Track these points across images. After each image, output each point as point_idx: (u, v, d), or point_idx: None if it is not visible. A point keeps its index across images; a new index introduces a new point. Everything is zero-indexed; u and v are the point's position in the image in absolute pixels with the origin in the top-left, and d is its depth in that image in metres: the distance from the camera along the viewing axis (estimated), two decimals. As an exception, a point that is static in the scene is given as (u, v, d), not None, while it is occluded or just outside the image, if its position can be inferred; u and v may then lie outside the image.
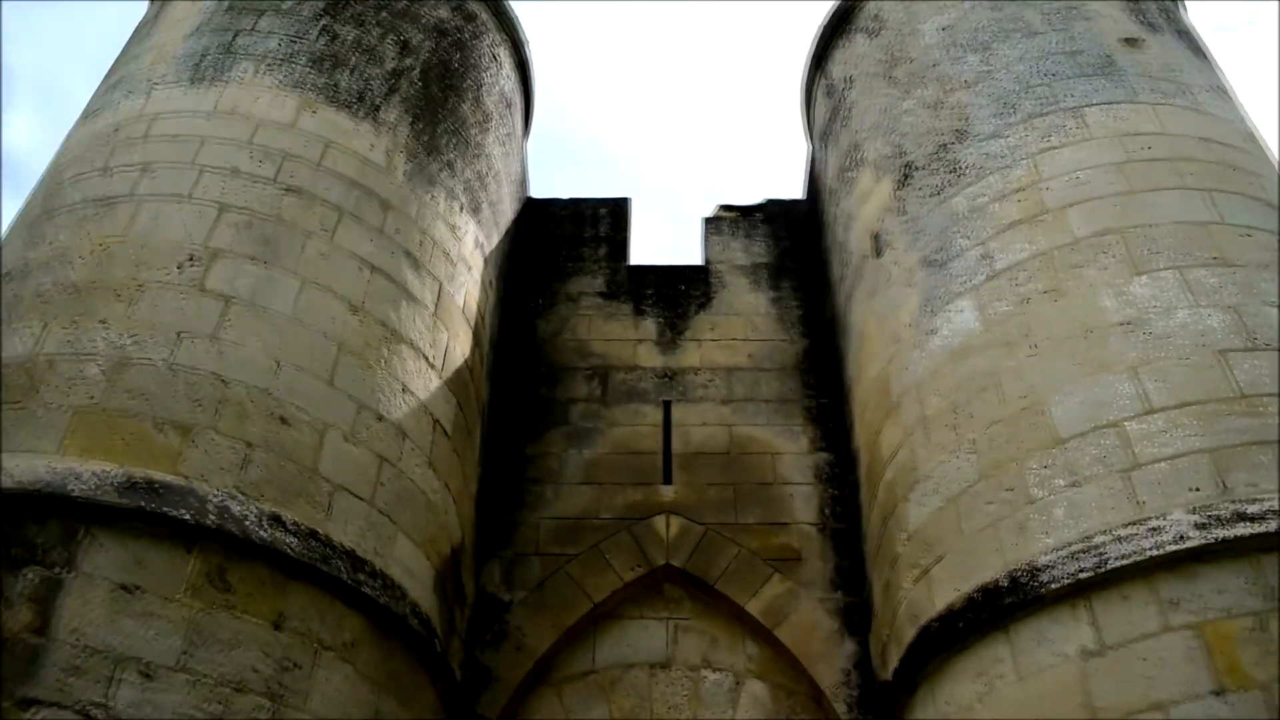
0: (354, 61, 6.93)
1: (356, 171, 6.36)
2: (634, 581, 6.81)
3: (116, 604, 4.38)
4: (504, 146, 8.19)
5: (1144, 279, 5.57)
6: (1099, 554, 4.77)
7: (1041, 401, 5.41)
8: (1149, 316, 5.41)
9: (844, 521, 7.07)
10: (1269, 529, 4.48)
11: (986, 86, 6.89)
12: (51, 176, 6.39)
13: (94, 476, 4.62)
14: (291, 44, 6.83)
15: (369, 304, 5.93)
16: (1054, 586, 4.81)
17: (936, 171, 6.74)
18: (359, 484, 5.37)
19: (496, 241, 7.80)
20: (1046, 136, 6.40)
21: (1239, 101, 7.09)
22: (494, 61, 8.31)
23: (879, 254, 6.95)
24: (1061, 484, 5.12)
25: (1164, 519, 4.73)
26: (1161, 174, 6.07)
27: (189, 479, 4.83)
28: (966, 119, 6.79)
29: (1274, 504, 4.55)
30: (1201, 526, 4.63)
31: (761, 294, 8.42)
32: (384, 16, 7.36)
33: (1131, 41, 6.98)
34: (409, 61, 7.24)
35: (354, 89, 6.77)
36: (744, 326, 8.16)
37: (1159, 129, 6.33)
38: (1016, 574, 5.01)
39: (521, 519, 7.11)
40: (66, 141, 6.72)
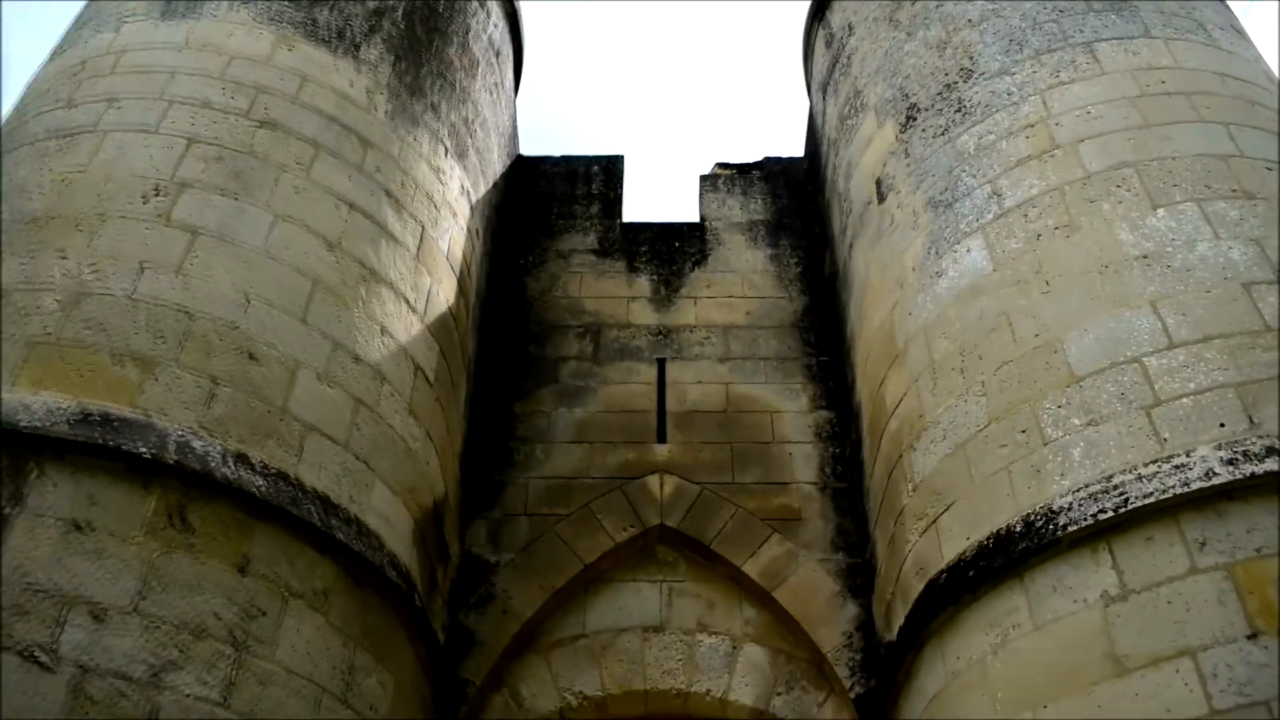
0: (334, -2, 6.63)
1: (335, 107, 6.06)
2: (627, 543, 6.50)
3: (67, 543, 4.07)
4: (492, 95, 7.89)
5: (1162, 212, 5.28)
6: (1121, 494, 4.46)
7: (1056, 340, 5.11)
8: (1169, 250, 5.12)
9: (846, 481, 6.77)
10: (1304, 463, 4.18)
11: (993, 25, 6.59)
12: (15, 114, 6.09)
13: (45, 408, 4.32)
14: (268, -21, 6.52)
15: (346, 242, 5.62)
16: (1072, 529, 4.50)
17: (942, 112, 6.44)
18: (333, 426, 5.06)
19: (484, 192, 7.50)
20: (1056, 73, 6.11)
21: (1255, 44, 6.81)
22: (481, 9, 8.00)
23: (882, 199, 6.65)
24: (1078, 423, 4.81)
25: (1190, 456, 4.43)
26: (1178, 108, 5.78)
27: (148, 414, 4.52)
28: (973, 58, 6.49)
29: (1308, 437, 4.26)
30: (1230, 462, 4.33)
31: (759, 251, 8.13)
32: (365, -44, 7.05)
33: (1144, -23, 6.69)
34: (391, 1, 6.94)
35: (333, 25, 6.46)
36: (741, 284, 7.86)
37: (1174, 64, 6.04)
38: (1031, 518, 4.70)
39: (509, 479, 6.80)
40: (33, 80, 6.42)
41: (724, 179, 8.62)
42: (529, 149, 9.05)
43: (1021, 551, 4.64)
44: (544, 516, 6.59)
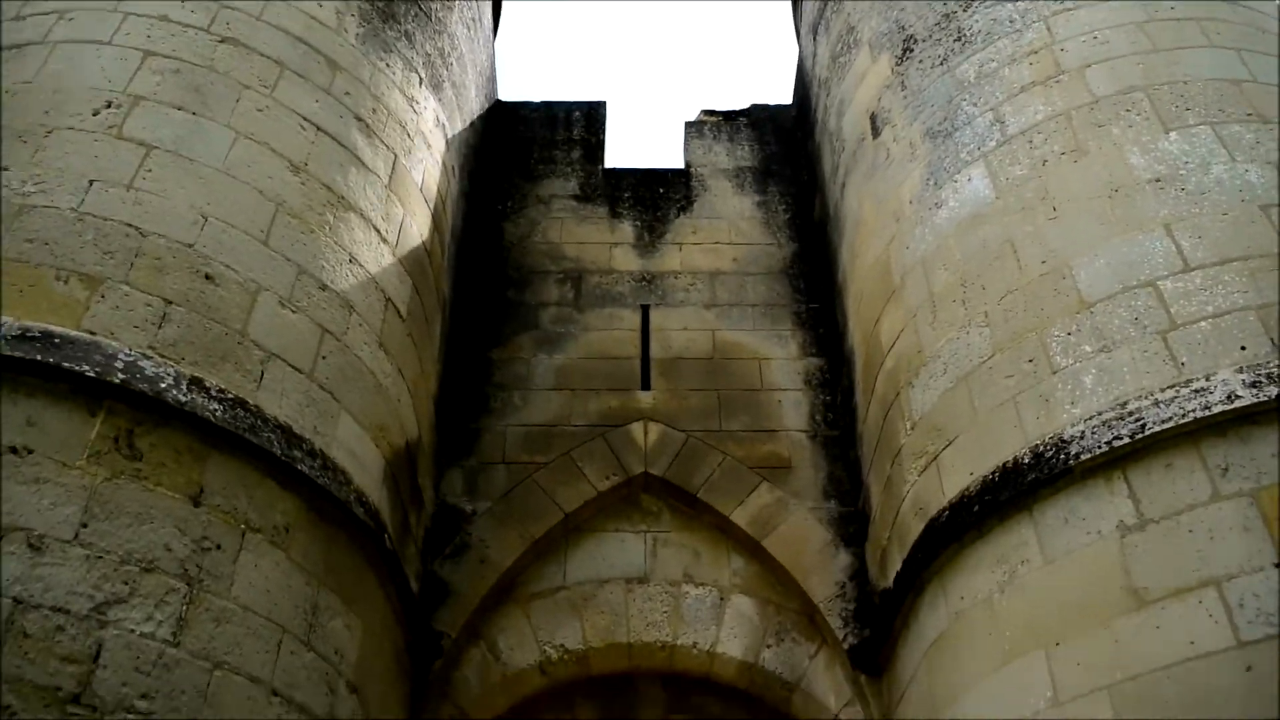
0: (301, -80, 6.25)
1: (302, 28, 5.69)
2: (609, 491, 6.20)
3: (3, 468, 3.72)
4: (469, 31, 7.54)
5: (1175, 135, 5.02)
6: (1137, 420, 4.20)
7: (1065, 265, 4.84)
8: (1183, 172, 4.86)
9: (837, 429, 6.49)
10: (1333, 384, 3.94)
11: (995, -49, 6.31)
12: (-41, 35, 5.69)
13: (-19, 327, 3.96)
14: (230, -101, 6.13)
15: (313, 165, 5.27)
16: (1085, 458, 4.24)
17: (940, 41, 6.16)
18: (297, 355, 4.72)
19: (460, 129, 7.15)
20: (1061, -1, 5.84)
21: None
22: (458, -58, 7.65)
23: (877, 134, 6.36)
24: (1090, 350, 4.55)
25: (1210, 380, 4.18)
26: (1188, 33, 5.53)
27: (95, 334, 4.18)
28: (973, -15, 6.21)
29: (1335, 358, 4.02)
30: (1254, 385, 4.08)
31: (747, 197, 7.82)
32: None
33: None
34: (363, -78, 6.57)
35: (300, -56, 6.08)
36: (728, 230, 7.56)
37: (1183, -11, 5.79)
38: (1041, 449, 4.44)
39: (486, 426, 6.47)
40: (-23, 0, 6.01)
41: (710, 125, 8.31)
42: (508, 96, 8.71)
43: (1030, 483, 4.38)
44: (523, 465, 6.28)
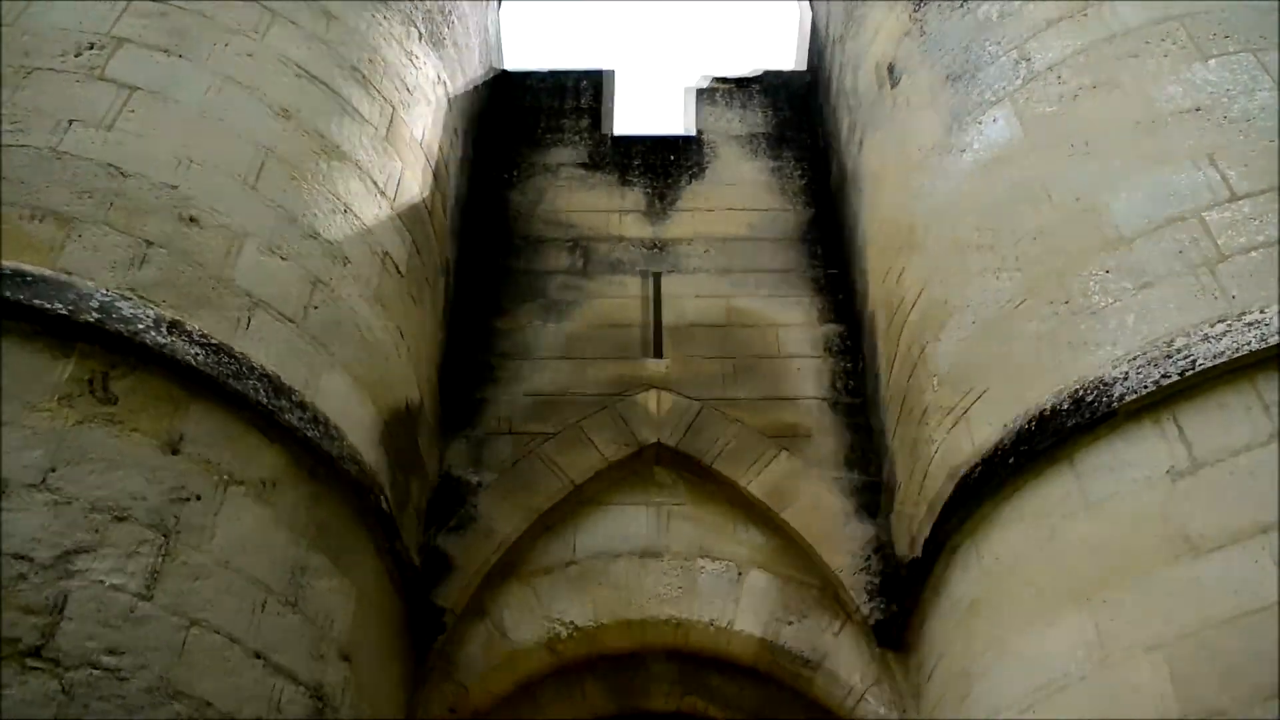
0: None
1: (293, -26, 5.47)
2: (619, 462, 5.89)
3: (-35, 409, 3.48)
4: (471, -9, 7.32)
5: (1214, 63, 4.71)
6: (1186, 356, 3.89)
7: (1099, 201, 4.54)
8: (1223, 101, 4.55)
9: (859, 396, 6.18)
10: (1400, 310, 3.62)
11: (1016, -107, 6.04)
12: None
13: (-55, 265, 3.72)
14: None
15: (305, 112, 5.03)
16: (1130, 399, 3.93)
17: (961, -15, 5.88)
18: (284, 302, 4.46)
19: (462, 89, 6.90)
20: (1087, -65, 5.55)
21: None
22: (458, -99, 7.42)
23: (895, 84, 6.08)
24: (1130, 287, 4.24)
25: (1264, 312, 3.87)
26: (1223, -38, 5.23)
27: (69, 274, 3.93)
28: (995, -73, 5.93)
29: (1401, 283, 3.70)
30: (1312, 316, 3.77)
31: (760, 163, 7.55)
32: None
33: None
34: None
35: (293, -108, 5.87)
36: (741, 196, 7.28)
37: (1216, -78, 5.49)
38: (1080, 393, 4.12)
39: (491, 395, 6.19)
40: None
41: (721, 92, 8.05)
42: (513, 67, 8.48)
43: (1070, 429, 4.06)
44: (529, 435, 5.99)
